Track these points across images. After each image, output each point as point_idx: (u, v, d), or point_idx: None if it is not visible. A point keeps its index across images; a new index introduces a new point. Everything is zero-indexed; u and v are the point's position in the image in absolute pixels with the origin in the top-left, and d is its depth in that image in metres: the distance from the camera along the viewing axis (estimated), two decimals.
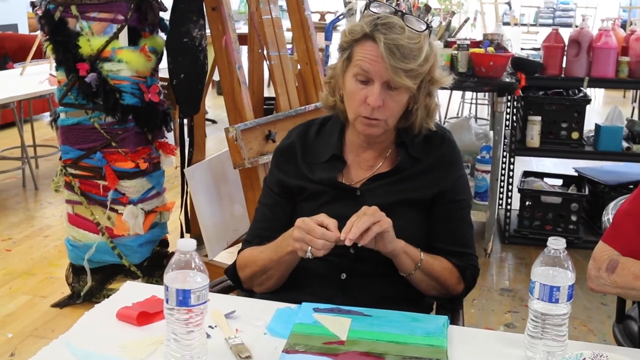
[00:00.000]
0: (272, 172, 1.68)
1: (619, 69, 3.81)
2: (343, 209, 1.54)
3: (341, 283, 1.56)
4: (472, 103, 7.34)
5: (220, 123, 6.82)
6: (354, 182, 1.61)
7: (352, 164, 1.62)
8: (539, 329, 1.22)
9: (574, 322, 3.08)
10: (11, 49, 6.96)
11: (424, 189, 1.58)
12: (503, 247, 4.01)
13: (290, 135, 1.69)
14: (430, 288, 1.56)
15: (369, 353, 1.25)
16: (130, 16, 2.88)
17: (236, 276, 1.64)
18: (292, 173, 1.63)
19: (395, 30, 1.45)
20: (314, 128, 1.68)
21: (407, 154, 1.59)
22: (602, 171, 4.18)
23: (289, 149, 1.66)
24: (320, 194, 1.58)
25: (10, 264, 3.62)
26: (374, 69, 1.47)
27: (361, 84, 1.49)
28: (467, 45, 3.72)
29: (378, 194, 1.57)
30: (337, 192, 1.58)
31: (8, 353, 2.76)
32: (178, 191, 3.18)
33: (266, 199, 1.68)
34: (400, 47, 1.44)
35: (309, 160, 1.63)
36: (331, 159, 1.61)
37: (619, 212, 1.58)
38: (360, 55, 1.48)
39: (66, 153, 3.02)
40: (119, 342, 1.28)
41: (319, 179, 1.59)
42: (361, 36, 1.49)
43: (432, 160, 1.60)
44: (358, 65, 1.49)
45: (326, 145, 1.63)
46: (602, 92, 9.29)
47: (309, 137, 1.66)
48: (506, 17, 10.25)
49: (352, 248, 1.53)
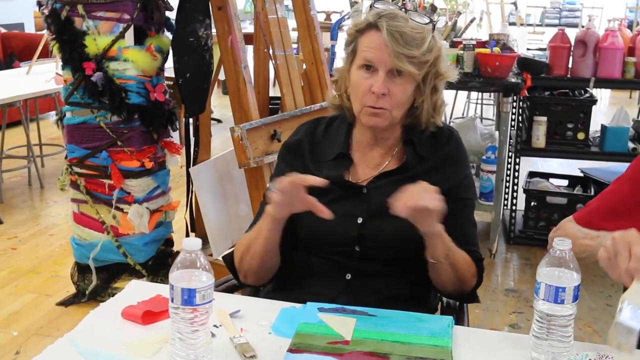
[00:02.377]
0: (280, 167, 1.68)
1: (625, 69, 3.79)
2: (349, 206, 1.55)
3: (346, 283, 1.55)
4: (478, 103, 7.33)
5: (226, 122, 6.83)
6: (360, 181, 1.61)
7: (359, 163, 1.63)
8: (544, 329, 1.22)
9: (579, 323, 3.07)
10: (17, 48, 6.98)
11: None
12: (508, 247, 4.00)
13: (298, 132, 1.69)
14: (447, 281, 1.53)
15: (374, 353, 1.25)
16: (136, 15, 2.89)
17: (233, 266, 1.63)
18: (299, 169, 1.61)
19: (398, 19, 1.49)
20: (321, 126, 1.68)
21: (414, 152, 1.59)
22: (608, 172, 4.16)
23: (297, 146, 1.66)
24: (327, 192, 1.57)
25: (16, 262, 3.63)
26: (377, 57, 1.49)
27: (366, 73, 1.52)
28: (473, 46, 3.71)
29: (384, 191, 1.55)
30: (344, 190, 1.58)
31: (13, 351, 2.76)
32: (183, 190, 3.18)
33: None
34: (403, 34, 1.47)
35: (316, 158, 1.63)
36: (338, 157, 1.61)
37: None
38: (365, 45, 1.52)
39: (72, 152, 3.03)
40: (124, 341, 1.28)
41: (325, 176, 1.58)
42: (365, 26, 1.53)
43: (438, 158, 1.60)
44: (362, 55, 1.52)
45: (333, 143, 1.63)
46: (608, 92, 9.26)
47: (316, 134, 1.67)
48: (512, 17, 10.22)
49: (357, 245, 1.54)
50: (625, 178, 1.64)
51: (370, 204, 1.56)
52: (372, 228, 1.55)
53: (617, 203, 1.61)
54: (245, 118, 2.76)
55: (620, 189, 1.63)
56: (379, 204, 1.54)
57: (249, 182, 2.80)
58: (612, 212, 1.60)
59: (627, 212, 1.58)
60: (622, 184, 1.63)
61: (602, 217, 1.60)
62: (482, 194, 4.09)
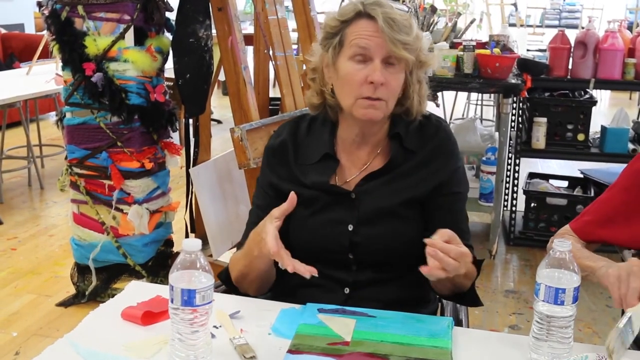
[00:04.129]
0: (265, 173, 1.62)
1: (625, 70, 3.80)
2: (338, 214, 1.51)
3: (345, 297, 1.52)
4: (478, 104, 7.33)
5: (226, 123, 6.83)
6: (348, 181, 1.55)
7: (346, 163, 1.57)
8: (544, 331, 1.22)
9: (579, 324, 3.07)
10: (17, 49, 6.99)
11: (421, 184, 1.52)
12: (508, 248, 4.00)
13: (281, 133, 1.62)
14: (443, 288, 1.51)
15: (373, 354, 1.25)
16: (136, 16, 2.89)
17: (230, 281, 1.58)
18: (284, 176, 1.57)
19: (385, 6, 1.46)
20: (304, 124, 1.62)
21: (401, 146, 1.53)
22: (607, 173, 4.16)
23: (281, 148, 1.59)
24: (314, 201, 1.53)
25: (16, 263, 3.63)
26: (373, 44, 1.44)
27: (359, 64, 1.46)
28: (473, 47, 3.71)
29: (373, 196, 1.51)
30: (332, 197, 1.53)
31: (13, 352, 2.76)
32: (183, 191, 3.18)
33: (260, 201, 1.61)
34: (395, 20, 1.44)
35: (301, 161, 1.57)
36: (323, 158, 1.55)
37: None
38: (356, 34, 1.46)
39: (72, 152, 3.03)
40: (123, 342, 1.28)
41: (311, 183, 1.53)
42: (353, 15, 1.47)
43: (427, 152, 1.54)
44: (355, 44, 1.46)
45: (318, 144, 1.57)
46: (608, 93, 9.26)
47: (299, 133, 1.60)
48: (512, 18, 10.23)
49: (351, 253, 1.51)
50: (619, 187, 1.64)
51: (360, 210, 1.51)
52: (364, 235, 1.50)
53: (613, 211, 1.61)
54: (245, 119, 2.76)
55: (614, 198, 1.63)
56: (369, 209, 1.50)
57: (249, 182, 2.80)
58: (609, 220, 1.61)
59: (625, 220, 1.59)
60: (616, 192, 1.64)
61: (599, 226, 1.61)
62: (482, 195, 4.08)
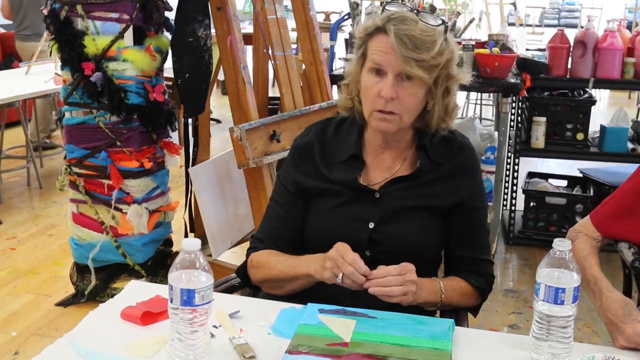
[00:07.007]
0: (288, 170, 1.65)
1: (624, 70, 3.80)
2: (361, 210, 1.55)
3: (350, 295, 1.51)
4: (477, 104, 7.34)
5: (225, 123, 6.83)
6: (372, 184, 1.59)
7: (371, 165, 1.61)
8: (544, 330, 1.22)
9: (578, 324, 3.07)
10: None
11: (443, 196, 1.57)
12: (507, 248, 4.00)
13: (308, 133, 1.66)
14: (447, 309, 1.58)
15: (373, 355, 1.25)
16: (135, 15, 2.89)
17: (246, 274, 1.63)
18: (310, 173, 1.61)
19: (407, 22, 1.46)
20: (331, 127, 1.66)
21: (427, 157, 1.58)
22: (607, 172, 4.16)
23: (307, 147, 1.63)
24: (339, 194, 1.57)
25: (15, 263, 3.63)
26: (385, 61, 1.47)
27: (375, 77, 1.50)
28: (472, 46, 3.71)
29: (397, 197, 1.56)
30: (356, 193, 1.57)
31: (12, 351, 2.76)
32: (182, 190, 3.18)
33: (280, 197, 1.65)
34: (411, 37, 1.45)
35: (327, 159, 1.61)
36: (350, 158, 1.60)
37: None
38: (374, 49, 1.50)
39: (71, 152, 3.03)
40: (123, 342, 1.28)
41: (338, 178, 1.58)
42: (374, 29, 1.50)
43: (451, 167, 1.59)
44: (371, 59, 1.50)
45: (345, 144, 1.61)
46: (607, 93, 9.27)
47: (327, 135, 1.64)
48: (511, 17, 10.23)
49: (368, 250, 1.54)
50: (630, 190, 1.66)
51: (383, 209, 1.56)
52: (383, 233, 1.54)
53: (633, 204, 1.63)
54: (245, 118, 2.76)
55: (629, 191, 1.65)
56: (391, 209, 1.55)
57: (248, 182, 2.80)
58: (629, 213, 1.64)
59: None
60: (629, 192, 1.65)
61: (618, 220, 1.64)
62: None
